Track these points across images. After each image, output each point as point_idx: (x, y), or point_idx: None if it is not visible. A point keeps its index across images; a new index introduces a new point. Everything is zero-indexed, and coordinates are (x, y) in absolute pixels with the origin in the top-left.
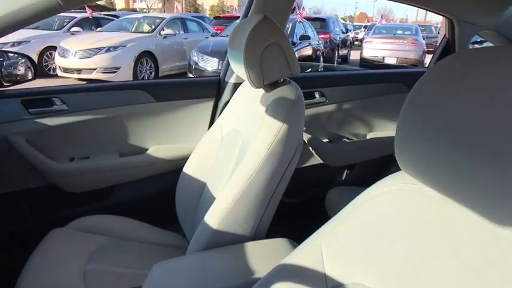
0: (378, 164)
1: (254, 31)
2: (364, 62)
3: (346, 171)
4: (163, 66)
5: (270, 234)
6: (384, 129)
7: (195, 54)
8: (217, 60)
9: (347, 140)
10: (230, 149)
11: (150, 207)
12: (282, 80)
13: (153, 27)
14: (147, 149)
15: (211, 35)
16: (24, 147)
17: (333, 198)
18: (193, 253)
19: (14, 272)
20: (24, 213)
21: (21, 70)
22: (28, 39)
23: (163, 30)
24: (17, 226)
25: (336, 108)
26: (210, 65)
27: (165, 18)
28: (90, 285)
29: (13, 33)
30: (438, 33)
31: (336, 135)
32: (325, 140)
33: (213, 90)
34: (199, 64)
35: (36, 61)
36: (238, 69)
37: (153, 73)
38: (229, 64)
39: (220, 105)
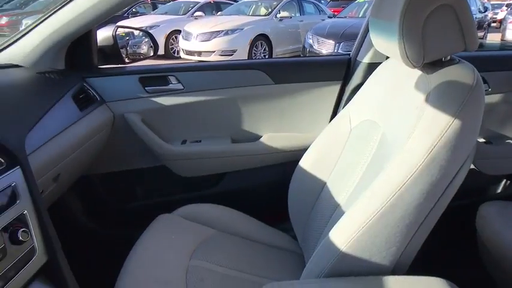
0: None
1: None
2: (506, 46)
3: (505, 181)
4: (277, 49)
5: None
6: None
7: (310, 37)
8: (333, 42)
9: None
10: (362, 145)
11: (259, 200)
12: (448, 57)
13: (270, 10)
14: (261, 136)
15: (328, 17)
16: (139, 126)
17: (488, 216)
18: (313, 280)
19: (121, 251)
20: (136, 193)
21: (144, 49)
22: (158, 24)
23: (280, 12)
24: (130, 205)
25: (500, 99)
26: (326, 47)
27: (282, 0)
28: (191, 283)
29: (147, 18)
30: None
31: (498, 134)
32: (481, 140)
33: (340, 71)
34: (314, 47)
35: (163, 44)
36: (385, 44)
37: (266, 56)
38: (363, 41)
39: (349, 89)
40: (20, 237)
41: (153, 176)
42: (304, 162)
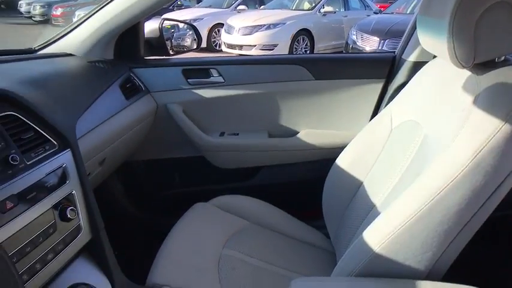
0: None
1: None
2: None
3: None
4: (319, 44)
5: None
6: None
7: (354, 33)
8: (377, 39)
9: None
10: (403, 146)
11: (294, 195)
12: (502, 58)
13: (313, 4)
14: (298, 132)
15: (374, 13)
16: (180, 116)
17: None
18: (343, 278)
19: (158, 235)
20: (175, 181)
21: (187, 42)
22: (201, 17)
23: (324, 7)
24: (169, 192)
25: None
26: (369, 44)
27: None
28: (223, 271)
29: (191, 11)
30: None
31: None
32: None
33: (383, 69)
34: (357, 43)
35: (206, 37)
36: (433, 43)
37: (308, 51)
38: (409, 39)
39: (392, 88)
40: (69, 215)
41: (191, 165)
42: (342, 161)
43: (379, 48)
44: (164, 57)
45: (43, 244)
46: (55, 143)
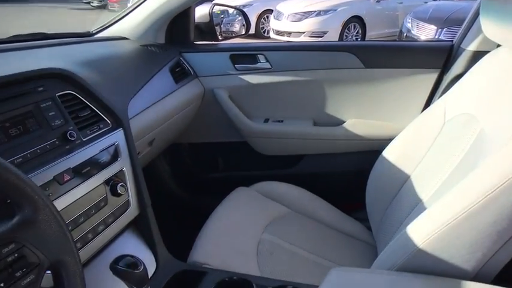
0: None
1: None
2: None
3: None
4: (371, 32)
5: None
6: None
7: (409, 21)
8: (434, 28)
9: None
10: (455, 141)
11: (336, 186)
12: None
13: None
14: (344, 121)
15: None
16: (226, 101)
17: None
18: (383, 271)
19: (200, 216)
20: (218, 165)
21: (236, 27)
22: (251, 3)
23: None
24: (212, 175)
25: None
26: (425, 33)
27: None
28: (262, 256)
29: None
30: None
31: None
32: None
33: (439, 58)
34: (412, 31)
35: (254, 23)
36: (499, 31)
37: (359, 39)
38: (471, 26)
39: (448, 78)
40: (119, 191)
41: (234, 150)
42: (389, 153)
43: (436, 37)
44: (213, 42)
45: (95, 216)
46: (109, 122)
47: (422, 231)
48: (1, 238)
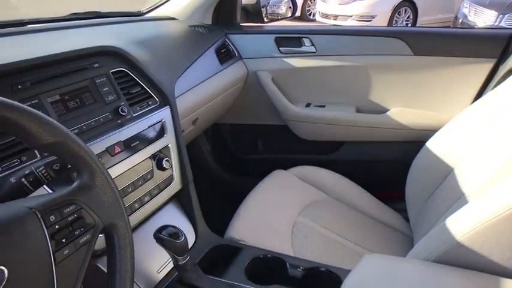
0: None
1: None
2: None
3: None
4: (423, 17)
5: None
6: None
7: (467, 5)
8: (495, 14)
9: None
10: (507, 135)
11: (376, 175)
12: None
13: None
14: (389, 110)
15: None
16: (268, 84)
17: None
18: (419, 260)
19: (237, 195)
20: (258, 147)
21: (282, 9)
22: None
23: None
24: (251, 156)
25: None
26: (483, 19)
27: None
28: (296, 238)
29: None
30: None
31: None
32: None
33: (496, 48)
34: (468, 17)
35: (300, 5)
36: None
37: (409, 25)
38: None
39: (504, 69)
40: (164, 165)
41: (274, 133)
42: (434, 144)
43: (496, 24)
44: (259, 24)
45: (141, 187)
46: (157, 99)
47: (462, 225)
48: (63, 199)
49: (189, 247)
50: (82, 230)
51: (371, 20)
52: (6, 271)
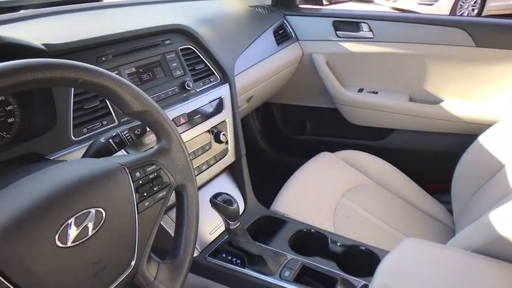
0: None
1: None
2: None
3: None
4: (491, 3)
5: None
6: None
7: None
8: None
9: None
10: None
11: (423, 164)
12: None
13: None
14: (442, 100)
15: None
16: (322, 67)
17: None
18: (458, 249)
19: (283, 174)
20: (306, 128)
21: None
22: None
23: None
24: (298, 137)
25: None
26: None
27: None
28: (338, 217)
29: None
30: None
31: None
32: None
33: None
34: None
35: None
36: None
37: (475, 11)
38: None
39: None
40: (221, 138)
41: (323, 116)
42: (486, 138)
43: None
44: (317, 6)
45: (201, 156)
46: (218, 77)
47: (507, 219)
48: (146, 160)
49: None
50: (160, 187)
51: (433, 4)
52: (104, 213)
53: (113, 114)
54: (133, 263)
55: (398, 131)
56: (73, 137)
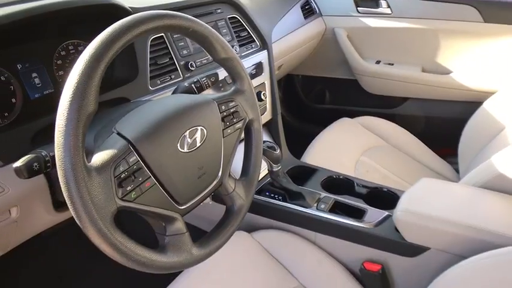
0: None
1: None
2: None
3: None
4: None
5: None
6: None
7: None
8: None
9: None
10: None
11: (434, 130)
12: None
13: None
14: (452, 71)
15: None
16: (344, 41)
17: None
18: (468, 186)
19: (305, 138)
20: (326, 97)
21: None
22: None
23: None
24: (319, 106)
25: None
26: None
27: None
28: (358, 171)
29: None
30: None
31: None
32: None
33: None
34: None
35: None
36: None
37: None
38: None
39: None
40: (262, 97)
41: (343, 86)
42: (490, 104)
43: None
44: None
45: None
46: (258, 43)
47: (505, 159)
48: (228, 97)
49: None
50: (237, 119)
51: None
52: (206, 131)
53: (179, 71)
54: (220, 174)
55: (411, 100)
56: (150, 87)
